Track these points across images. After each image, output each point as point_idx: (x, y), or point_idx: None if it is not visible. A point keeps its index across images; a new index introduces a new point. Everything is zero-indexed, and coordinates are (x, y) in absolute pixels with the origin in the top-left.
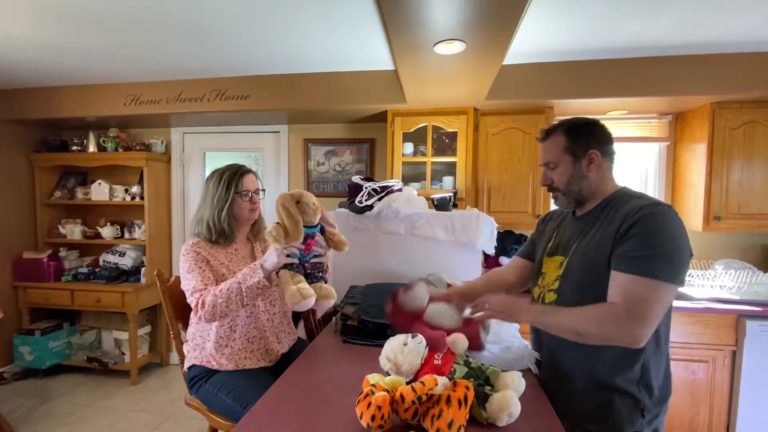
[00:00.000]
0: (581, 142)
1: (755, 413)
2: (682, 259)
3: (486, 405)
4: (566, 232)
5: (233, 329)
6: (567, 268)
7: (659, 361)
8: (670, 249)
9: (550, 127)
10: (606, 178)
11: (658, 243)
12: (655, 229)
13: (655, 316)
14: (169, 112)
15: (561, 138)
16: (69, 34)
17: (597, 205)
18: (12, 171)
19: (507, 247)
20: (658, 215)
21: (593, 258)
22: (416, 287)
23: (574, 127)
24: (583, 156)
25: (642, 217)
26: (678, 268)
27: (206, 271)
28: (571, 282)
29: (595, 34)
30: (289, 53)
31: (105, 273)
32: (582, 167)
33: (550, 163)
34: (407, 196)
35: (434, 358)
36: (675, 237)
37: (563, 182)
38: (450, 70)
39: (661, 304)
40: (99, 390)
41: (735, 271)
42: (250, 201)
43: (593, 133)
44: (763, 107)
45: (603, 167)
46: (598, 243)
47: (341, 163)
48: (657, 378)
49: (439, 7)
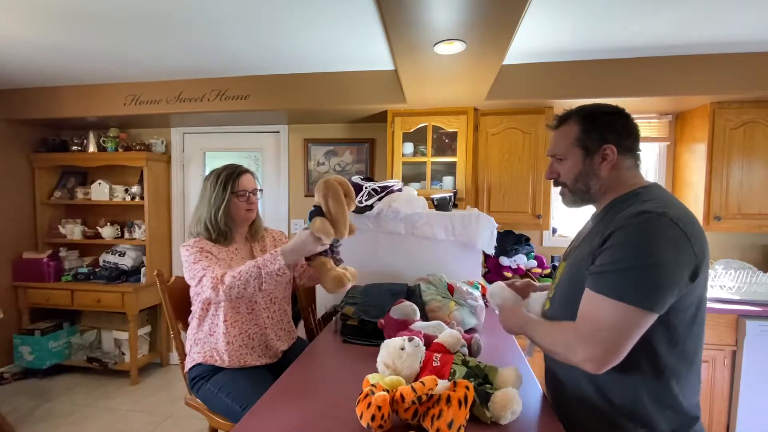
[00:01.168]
0: (596, 135)
1: (755, 413)
2: (657, 279)
3: (489, 404)
4: (580, 234)
5: (233, 325)
6: (561, 276)
7: (681, 382)
8: (639, 265)
9: (565, 113)
10: (622, 177)
11: (626, 258)
12: (630, 242)
13: (612, 340)
14: (169, 112)
15: (574, 127)
16: (69, 34)
17: (606, 205)
18: (12, 171)
19: (507, 247)
20: (641, 224)
21: (577, 268)
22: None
23: (591, 115)
24: (596, 151)
25: (622, 227)
26: (648, 290)
27: (212, 258)
28: (560, 291)
29: (595, 34)
30: (289, 53)
31: (105, 273)
32: (594, 163)
33: (558, 155)
34: (407, 196)
35: (432, 360)
36: (652, 252)
37: (570, 178)
38: (450, 70)
39: (620, 328)
40: (99, 390)
41: (735, 271)
42: (246, 201)
43: (613, 125)
44: (763, 107)
45: (620, 165)
46: (582, 253)
47: (341, 163)
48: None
49: (439, 7)
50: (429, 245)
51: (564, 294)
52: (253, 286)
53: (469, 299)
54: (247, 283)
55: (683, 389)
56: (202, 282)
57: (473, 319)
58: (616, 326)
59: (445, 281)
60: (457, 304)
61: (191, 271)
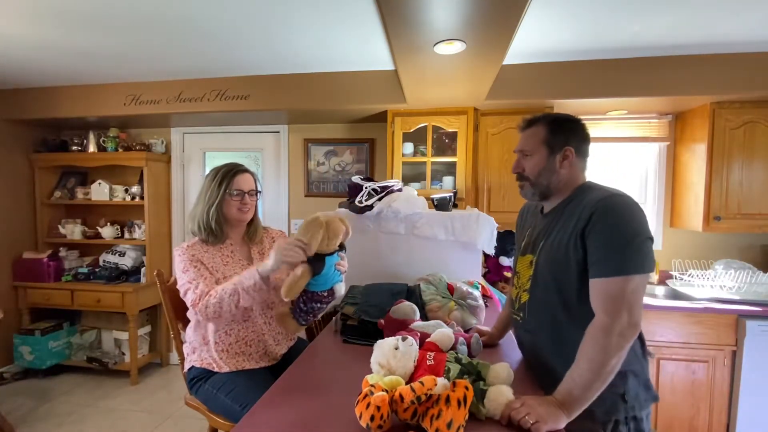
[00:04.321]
0: (560, 137)
1: (755, 413)
2: (644, 246)
3: (485, 401)
4: (535, 229)
5: (228, 333)
6: (536, 266)
7: (635, 351)
8: (629, 240)
9: (533, 117)
10: (575, 176)
11: (617, 238)
12: (613, 224)
13: (635, 304)
14: (169, 112)
15: (542, 129)
16: (69, 34)
17: (561, 201)
18: (12, 171)
19: (507, 247)
20: (613, 208)
21: (557, 256)
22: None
23: (556, 121)
24: (558, 151)
25: (597, 215)
26: (642, 257)
27: (202, 269)
28: (540, 281)
29: (595, 34)
30: (289, 53)
31: (105, 273)
32: (555, 162)
33: (526, 151)
34: (407, 196)
35: (426, 358)
36: (632, 227)
37: (534, 173)
38: (450, 70)
39: (636, 293)
40: (99, 390)
41: (735, 271)
42: (240, 201)
43: (573, 131)
44: (763, 107)
45: (575, 165)
46: (560, 240)
47: (341, 163)
48: (636, 362)
49: (439, 7)
50: (429, 245)
51: (547, 282)
52: (228, 303)
53: (469, 299)
54: (221, 301)
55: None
56: (186, 296)
57: (473, 319)
58: (629, 292)
59: (445, 281)
60: (456, 304)
61: (179, 280)
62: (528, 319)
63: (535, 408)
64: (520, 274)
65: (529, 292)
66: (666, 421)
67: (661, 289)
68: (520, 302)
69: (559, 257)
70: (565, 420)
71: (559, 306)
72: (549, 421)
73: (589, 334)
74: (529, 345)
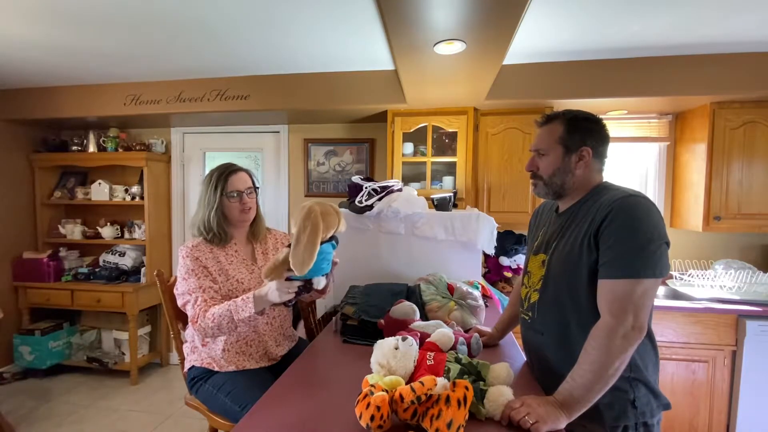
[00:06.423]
0: (577, 136)
1: (755, 413)
2: (659, 250)
3: (484, 401)
4: (549, 229)
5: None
6: (548, 266)
7: (648, 354)
8: (644, 243)
9: (552, 114)
10: (591, 177)
11: (631, 240)
12: (628, 225)
13: (642, 308)
14: (169, 112)
15: (559, 127)
16: (69, 34)
17: (576, 201)
18: (12, 171)
19: (507, 247)
20: (629, 209)
21: (570, 257)
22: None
23: (575, 119)
24: (575, 151)
25: (612, 215)
26: (656, 261)
27: (202, 277)
28: (551, 281)
29: (595, 34)
30: (289, 53)
31: (105, 273)
32: (571, 161)
33: (541, 150)
34: (407, 196)
35: (426, 359)
36: (647, 230)
37: (548, 172)
38: (450, 70)
39: (645, 297)
40: (99, 390)
41: (735, 271)
42: (239, 202)
43: (592, 131)
44: (763, 107)
45: (592, 167)
46: (574, 241)
47: (341, 163)
48: (646, 370)
49: (439, 7)
50: (429, 245)
51: (559, 282)
52: (227, 328)
53: (469, 299)
54: (220, 326)
55: (644, 361)
56: (185, 308)
57: (473, 319)
58: (637, 296)
59: (445, 281)
60: (456, 304)
61: (179, 285)
62: (536, 318)
63: (534, 408)
64: (532, 273)
65: (539, 291)
66: (666, 421)
67: (661, 288)
68: (529, 301)
69: (571, 258)
70: (565, 420)
71: (568, 307)
72: (549, 422)
73: (593, 335)
74: (535, 345)
